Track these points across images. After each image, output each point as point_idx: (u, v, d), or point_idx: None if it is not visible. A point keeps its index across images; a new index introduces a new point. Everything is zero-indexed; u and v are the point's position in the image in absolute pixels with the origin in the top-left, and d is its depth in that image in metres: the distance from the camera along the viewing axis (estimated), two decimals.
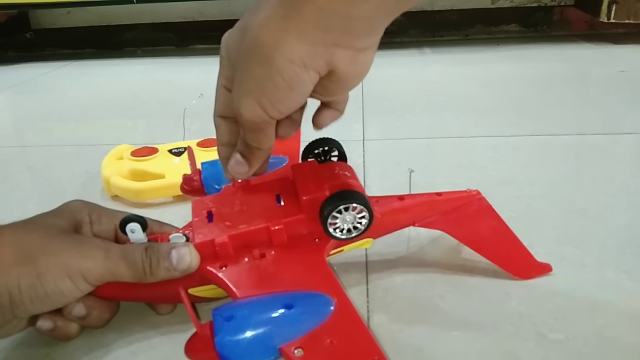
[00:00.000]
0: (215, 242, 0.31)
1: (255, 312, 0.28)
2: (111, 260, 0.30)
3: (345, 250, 0.35)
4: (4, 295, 0.28)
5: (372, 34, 0.26)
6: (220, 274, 0.31)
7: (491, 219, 0.38)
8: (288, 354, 0.26)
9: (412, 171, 0.45)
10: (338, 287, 0.30)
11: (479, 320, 0.34)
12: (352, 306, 0.29)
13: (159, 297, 0.34)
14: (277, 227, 0.32)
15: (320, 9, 0.23)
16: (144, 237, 0.32)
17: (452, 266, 0.39)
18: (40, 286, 0.29)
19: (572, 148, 0.61)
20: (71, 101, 0.96)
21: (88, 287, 0.30)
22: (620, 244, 0.41)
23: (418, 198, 0.37)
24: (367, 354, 0.26)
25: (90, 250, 0.30)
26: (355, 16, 0.24)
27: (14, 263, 0.29)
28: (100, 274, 0.30)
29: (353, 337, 0.27)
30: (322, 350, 0.26)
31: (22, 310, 0.29)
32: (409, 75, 1.01)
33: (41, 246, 0.30)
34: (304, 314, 0.28)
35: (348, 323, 0.28)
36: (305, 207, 0.33)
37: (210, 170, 0.41)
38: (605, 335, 0.32)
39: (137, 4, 1.16)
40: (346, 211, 0.31)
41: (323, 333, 0.27)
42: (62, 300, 0.30)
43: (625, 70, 0.92)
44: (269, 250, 0.32)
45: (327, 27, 0.24)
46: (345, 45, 0.25)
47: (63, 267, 0.29)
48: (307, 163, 0.37)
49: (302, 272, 0.31)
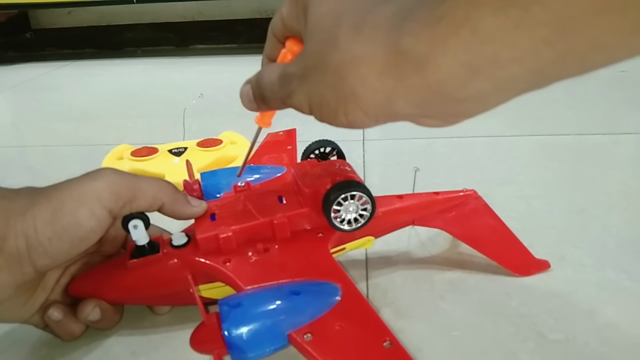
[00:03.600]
0: (219, 236, 0.31)
1: (263, 299, 0.28)
2: (124, 175, 0.31)
3: (347, 249, 0.35)
4: (20, 239, 0.27)
5: (472, 115, 0.22)
6: (224, 269, 0.31)
7: (488, 217, 0.38)
8: (297, 340, 0.25)
9: (418, 170, 0.45)
10: (344, 276, 0.30)
11: (479, 320, 0.34)
12: (359, 292, 0.28)
13: (165, 295, 0.34)
14: (280, 221, 0.32)
15: (424, 87, 0.19)
16: (146, 234, 0.32)
17: (452, 266, 0.39)
18: (57, 221, 0.28)
19: (571, 148, 0.61)
20: (71, 101, 0.96)
21: (104, 212, 0.30)
22: (620, 244, 0.41)
23: (417, 197, 0.38)
24: (377, 336, 0.26)
25: (100, 172, 0.31)
26: (464, 97, 0.19)
27: (29, 204, 0.28)
28: (115, 191, 0.30)
29: (363, 321, 0.27)
30: (331, 334, 0.26)
31: (41, 253, 0.28)
32: None
33: (54, 186, 0.30)
34: (312, 300, 0.27)
35: (357, 308, 0.28)
36: (308, 199, 0.33)
37: (209, 179, 0.41)
38: (605, 335, 0.32)
39: (137, 4, 1.16)
40: (349, 200, 0.32)
41: (332, 318, 0.27)
42: (79, 233, 0.29)
43: (625, 70, 0.92)
44: (273, 245, 0.32)
45: (423, 104, 0.20)
46: (435, 118, 0.22)
47: (76, 196, 0.29)
48: (308, 161, 0.37)
49: (306, 263, 0.31)
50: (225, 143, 0.57)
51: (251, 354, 0.26)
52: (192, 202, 0.33)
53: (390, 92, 0.20)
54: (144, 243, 0.32)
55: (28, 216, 0.28)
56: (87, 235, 0.29)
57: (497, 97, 0.20)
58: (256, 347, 0.26)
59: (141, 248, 0.32)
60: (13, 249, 0.27)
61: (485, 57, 0.17)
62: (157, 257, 0.32)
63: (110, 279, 0.32)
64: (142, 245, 0.32)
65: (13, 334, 0.35)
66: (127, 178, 0.31)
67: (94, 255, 0.34)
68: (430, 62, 0.18)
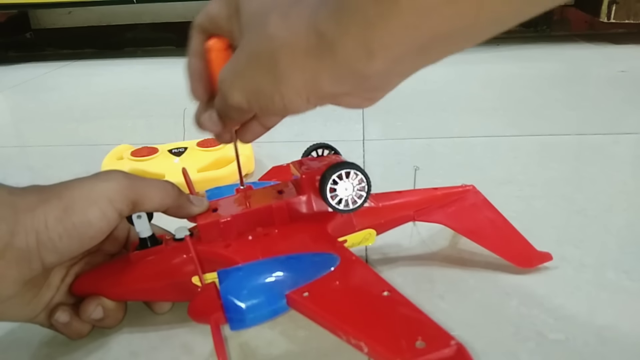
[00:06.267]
0: (219, 221, 0.32)
1: (261, 265, 0.28)
2: (133, 179, 0.31)
3: (348, 243, 0.35)
4: (31, 234, 0.27)
5: (385, 90, 0.25)
6: (224, 252, 0.31)
7: (488, 211, 0.39)
8: (295, 298, 0.25)
9: (418, 168, 0.45)
10: (343, 247, 0.30)
11: (479, 320, 0.34)
12: (358, 257, 0.29)
13: (168, 287, 0.34)
14: (278, 205, 0.33)
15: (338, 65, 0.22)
16: (149, 226, 0.32)
17: (452, 266, 0.39)
18: (68, 218, 0.28)
19: (572, 148, 0.61)
20: (71, 101, 0.96)
21: (114, 214, 0.30)
22: (620, 244, 0.41)
23: (416, 193, 0.39)
24: (376, 288, 0.26)
25: (111, 174, 0.31)
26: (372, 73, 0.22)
27: (39, 201, 0.28)
28: (125, 194, 0.30)
29: (361, 277, 0.27)
30: (330, 290, 0.26)
31: (50, 250, 0.28)
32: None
33: (63, 185, 0.30)
34: (310, 264, 0.28)
35: (355, 268, 0.28)
36: (305, 184, 0.33)
37: (216, 195, 0.41)
38: (605, 335, 0.32)
39: (137, 4, 1.16)
40: (345, 178, 0.32)
41: (331, 278, 0.27)
42: (89, 232, 0.29)
43: (625, 70, 0.92)
44: (273, 229, 0.33)
45: (341, 81, 0.23)
46: (355, 95, 0.25)
47: (88, 196, 0.29)
48: (306, 157, 0.38)
49: (306, 240, 0.32)
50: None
51: (249, 315, 0.26)
52: (195, 202, 0.34)
53: (315, 71, 0.23)
54: (147, 235, 0.32)
55: (38, 212, 0.28)
56: (96, 235, 0.30)
57: (397, 72, 0.23)
58: (254, 308, 0.26)
59: (144, 241, 0.32)
60: (23, 244, 0.27)
61: (375, 39, 0.20)
62: (160, 247, 0.32)
63: (114, 274, 0.33)
64: (145, 239, 0.32)
65: (13, 333, 0.35)
66: (136, 181, 0.31)
67: (96, 254, 0.34)
68: (338, 42, 0.21)
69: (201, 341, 0.33)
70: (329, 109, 0.28)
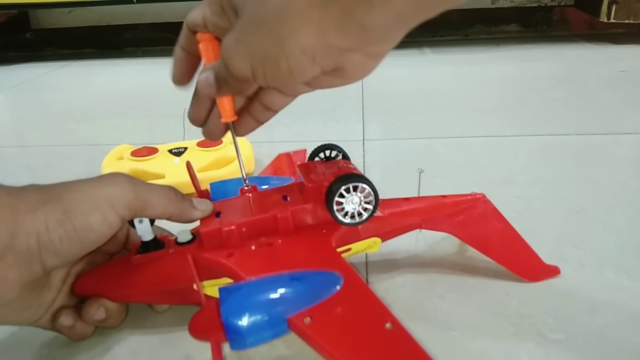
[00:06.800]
0: (222, 229, 0.31)
1: (262, 285, 0.27)
2: (137, 184, 0.31)
3: (352, 250, 0.35)
4: (32, 236, 0.27)
5: (388, 43, 0.26)
6: (226, 261, 0.31)
7: (497, 221, 0.38)
8: (296, 324, 0.25)
9: (422, 171, 0.45)
10: (347, 266, 0.30)
11: (479, 320, 0.34)
12: (361, 280, 0.28)
13: (168, 292, 0.34)
14: (283, 215, 0.32)
15: (342, 13, 0.23)
16: (151, 230, 0.32)
17: (452, 266, 0.39)
18: (69, 221, 0.28)
19: (571, 148, 0.61)
20: (71, 101, 0.96)
21: (116, 219, 0.30)
22: (620, 244, 0.41)
23: (424, 200, 0.37)
24: (379, 318, 0.25)
25: (114, 178, 0.31)
26: (373, 25, 0.23)
27: (39, 202, 0.28)
28: (128, 200, 0.30)
29: (364, 305, 0.26)
30: (332, 317, 0.25)
31: (51, 252, 0.28)
32: (409, 75, 1.00)
33: (63, 186, 0.30)
34: (313, 286, 0.27)
35: (358, 293, 0.27)
36: (311, 194, 0.33)
37: (220, 189, 0.40)
38: (605, 335, 0.32)
39: (137, 4, 1.16)
40: (352, 191, 0.31)
41: (333, 303, 0.26)
42: (90, 237, 0.29)
43: (625, 70, 0.92)
44: (276, 239, 0.32)
45: (346, 32, 0.23)
46: (360, 50, 0.25)
47: (89, 200, 0.29)
48: (312, 162, 0.37)
49: (309, 255, 0.31)
50: (225, 143, 0.57)
51: (250, 339, 0.25)
52: (198, 207, 0.34)
53: (320, 21, 0.23)
54: (149, 239, 0.32)
55: (39, 214, 0.27)
56: (98, 239, 0.30)
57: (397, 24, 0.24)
58: (255, 331, 0.25)
59: (146, 244, 0.32)
60: (24, 246, 0.27)
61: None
62: (162, 252, 0.32)
63: (115, 276, 0.32)
64: (147, 242, 0.32)
65: (14, 334, 0.35)
66: (139, 188, 0.31)
67: (96, 253, 0.34)
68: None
69: (201, 342, 0.33)
70: (329, 109, 0.28)
